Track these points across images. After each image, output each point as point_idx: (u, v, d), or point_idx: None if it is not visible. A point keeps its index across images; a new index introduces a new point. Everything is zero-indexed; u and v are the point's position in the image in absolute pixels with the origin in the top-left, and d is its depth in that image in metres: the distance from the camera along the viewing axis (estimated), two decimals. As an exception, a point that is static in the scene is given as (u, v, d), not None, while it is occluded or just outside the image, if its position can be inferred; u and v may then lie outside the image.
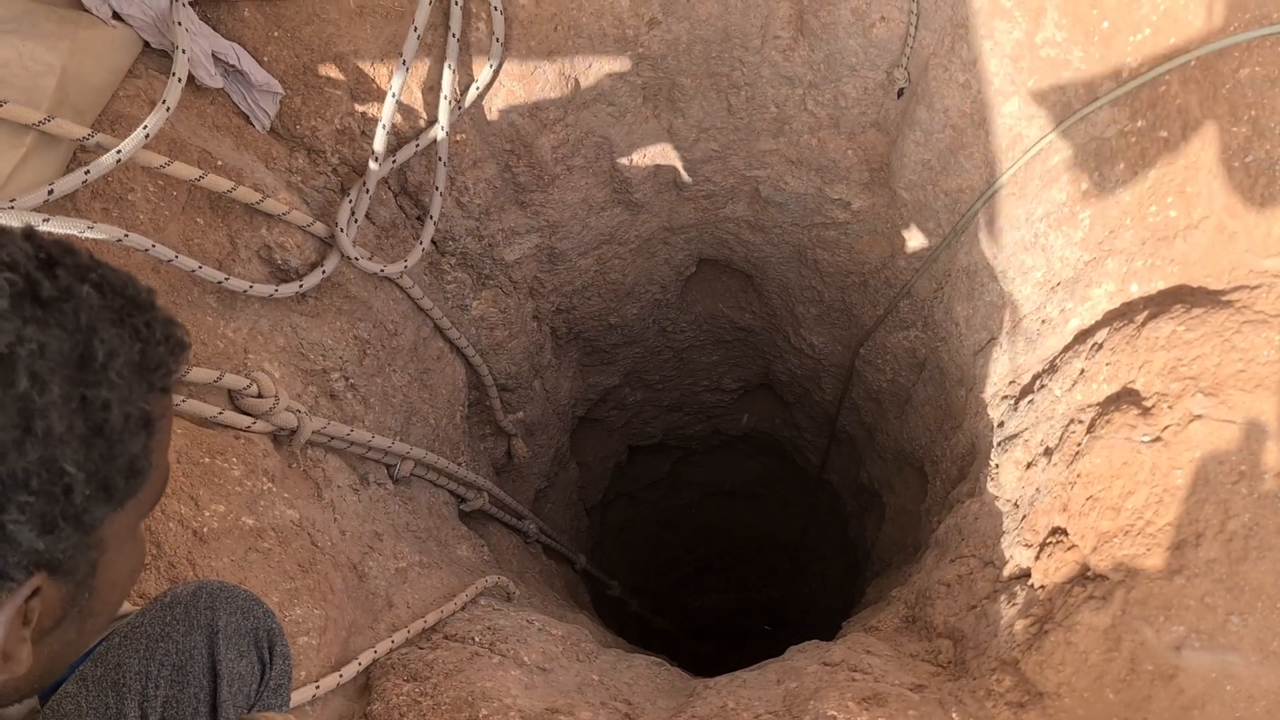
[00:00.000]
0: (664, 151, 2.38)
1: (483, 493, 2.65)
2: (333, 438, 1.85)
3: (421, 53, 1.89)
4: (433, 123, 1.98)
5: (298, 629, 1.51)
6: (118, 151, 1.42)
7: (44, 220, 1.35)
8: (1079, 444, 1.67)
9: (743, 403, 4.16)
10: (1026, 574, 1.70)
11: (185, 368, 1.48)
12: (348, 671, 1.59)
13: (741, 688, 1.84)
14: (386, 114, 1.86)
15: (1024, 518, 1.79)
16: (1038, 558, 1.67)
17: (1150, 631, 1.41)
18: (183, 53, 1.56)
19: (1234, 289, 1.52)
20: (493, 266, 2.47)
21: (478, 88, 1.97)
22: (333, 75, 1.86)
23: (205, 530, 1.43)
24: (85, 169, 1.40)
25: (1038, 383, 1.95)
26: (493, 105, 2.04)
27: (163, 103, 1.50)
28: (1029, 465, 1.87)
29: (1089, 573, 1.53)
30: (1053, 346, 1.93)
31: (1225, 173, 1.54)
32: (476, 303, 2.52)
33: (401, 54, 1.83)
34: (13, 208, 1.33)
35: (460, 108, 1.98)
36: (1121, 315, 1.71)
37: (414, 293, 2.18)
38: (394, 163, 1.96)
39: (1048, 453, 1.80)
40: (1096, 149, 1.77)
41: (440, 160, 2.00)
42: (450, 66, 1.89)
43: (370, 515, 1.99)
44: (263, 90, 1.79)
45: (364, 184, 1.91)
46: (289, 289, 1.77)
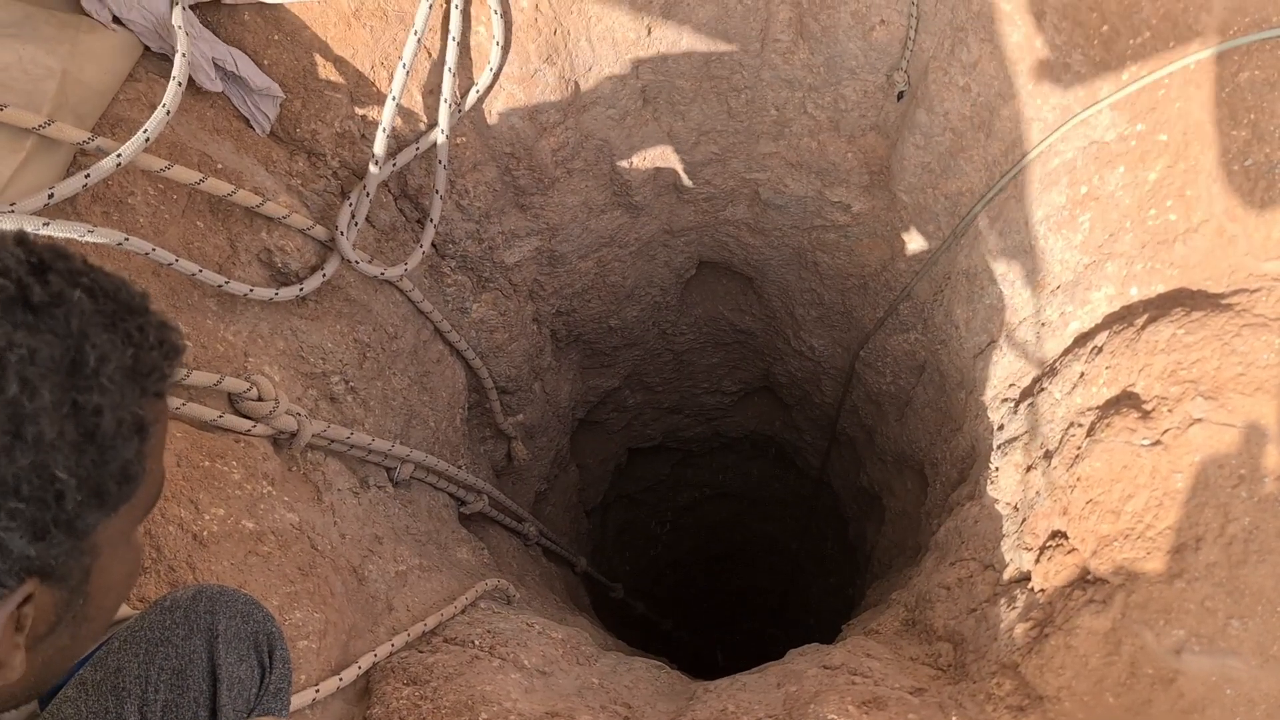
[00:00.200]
0: (664, 154, 2.38)
1: (483, 495, 2.65)
2: (333, 441, 1.85)
3: (421, 56, 1.90)
4: (433, 126, 1.98)
5: (297, 632, 1.51)
6: (118, 155, 1.42)
7: (44, 224, 1.35)
8: (1079, 447, 1.67)
9: (743, 405, 4.16)
10: (1026, 577, 1.70)
11: (182, 372, 1.48)
12: (348, 675, 1.59)
13: (741, 691, 1.84)
14: (387, 117, 1.86)
15: (1024, 521, 1.78)
16: (1038, 561, 1.67)
17: (1150, 635, 1.40)
18: (183, 56, 1.56)
19: (1234, 292, 1.52)
20: (493, 269, 2.47)
21: (478, 91, 1.97)
22: (333, 78, 1.86)
23: (205, 534, 1.43)
24: (85, 172, 1.40)
25: (1037, 386, 1.95)
26: (493, 108, 2.04)
27: (163, 106, 1.50)
28: (1029, 468, 1.87)
29: (1089, 576, 1.53)
30: (1052, 350, 1.93)
31: (1225, 176, 1.54)
32: (476, 305, 2.52)
33: (401, 57, 1.83)
34: (13, 211, 1.32)
35: (460, 111, 1.99)
36: (1121, 318, 1.71)
37: (414, 296, 2.18)
38: (394, 166, 1.97)
39: (1047, 456, 1.80)
40: (1096, 152, 1.77)
41: (440, 163, 2.01)
42: (450, 70, 1.89)
43: (370, 518, 1.99)
44: (263, 94, 1.79)
45: (364, 187, 1.92)
46: (289, 292, 1.77)
